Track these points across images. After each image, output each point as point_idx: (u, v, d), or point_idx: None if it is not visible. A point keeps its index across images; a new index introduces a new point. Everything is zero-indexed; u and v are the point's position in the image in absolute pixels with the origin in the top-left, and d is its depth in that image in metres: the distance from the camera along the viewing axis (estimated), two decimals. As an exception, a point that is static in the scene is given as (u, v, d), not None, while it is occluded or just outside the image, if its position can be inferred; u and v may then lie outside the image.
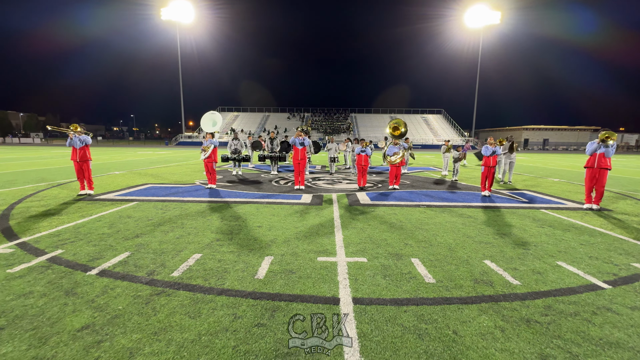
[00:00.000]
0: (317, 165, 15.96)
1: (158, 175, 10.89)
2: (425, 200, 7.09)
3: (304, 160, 8.22)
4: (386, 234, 4.50)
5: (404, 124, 8.36)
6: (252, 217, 5.37)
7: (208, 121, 8.21)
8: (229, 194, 7.47)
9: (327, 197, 7.28)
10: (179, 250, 3.75)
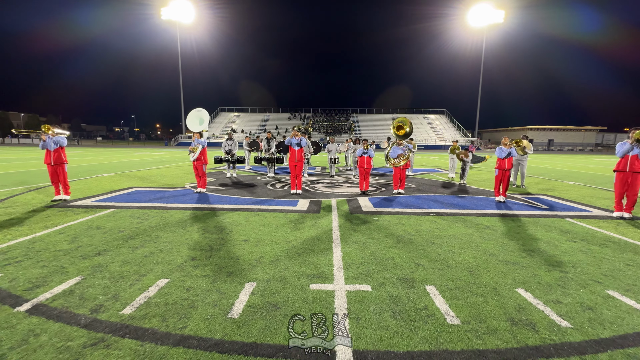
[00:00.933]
0: (317, 167, 15.30)
1: (147, 178, 10.26)
2: (434, 206, 6.40)
3: (300, 163, 7.56)
4: (393, 251, 3.82)
5: (409, 123, 7.68)
6: (239, 228, 4.70)
7: (194, 119, 7.55)
8: (218, 200, 6.81)
9: (325, 203, 6.60)
10: (142, 274, 3.09)
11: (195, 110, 7.70)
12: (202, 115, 7.60)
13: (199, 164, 7.55)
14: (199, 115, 7.61)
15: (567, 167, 17.18)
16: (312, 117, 60.08)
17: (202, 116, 7.60)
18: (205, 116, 7.58)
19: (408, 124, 7.66)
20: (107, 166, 14.16)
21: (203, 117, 7.59)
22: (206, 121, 7.52)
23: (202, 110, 7.64)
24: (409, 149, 7.78)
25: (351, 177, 11.15)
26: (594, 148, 57.68)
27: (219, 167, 13.84)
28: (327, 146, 11.58)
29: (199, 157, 7.50)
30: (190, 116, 7.58)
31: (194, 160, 7.51)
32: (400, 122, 7.68)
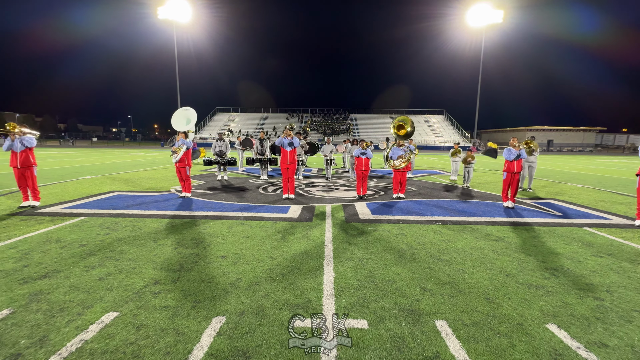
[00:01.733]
0: (314, 168, 14.74)
1: (133, 181, 9.68)
2: (438, 213, 5.86)
3: (293, 165, 7.00)
4: (394, 270, 3.28)
5: (411, 122, 7.14)
6: (219, 241, 4.14)
7: (180, 118, 6.98)
8: (202, 206, 6.24)
9: (319, 210, 6.05)
10: (88, 304, 2.53)
11: (181, 109, 7.12)
12: (189, 114, 7.03)
13: (182, 166, 6.98)
14: (186, 114, 7.04)
15: (571, 169, 16.69)
16: (310, 118, 59.53)
17: (189, 115, 7.03)
18: (193, 116, 7.01)
19: (409, 123, 7.12)
20: (94, 168, 13.56)
21: (190, 116, 7.02)
22: (193, 121, 6.96)
23: (189, 110, 7.06)
24: (410, 150, 7.25)
25: (348, 180, 10.61)
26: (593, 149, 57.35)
27: (210, 169, 13.26)
28: (323, 147, 11.03)
29: (182, 159, 6.93)
30: (175, 115, 7.01)
31: (176, 162, 6.94)
32: (401, 121, 7.14)
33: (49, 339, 2.09)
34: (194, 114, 7.00)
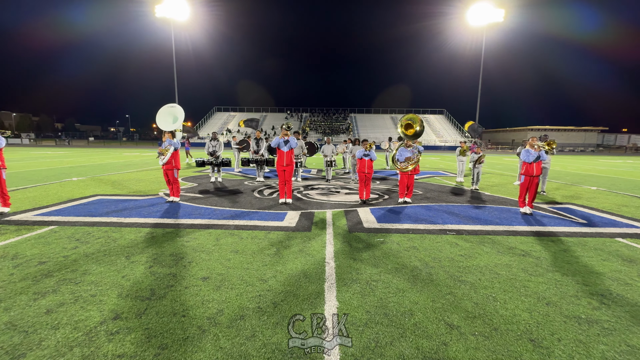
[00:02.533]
0: (313, 170, 14.17)
1: (120, 183, 9.09)
2: (450, 221, 5.29)
3: (290, 167, 6.43)
4: (410, 297, 2.71)
5: (420, 121, 6.57)
6: (203, 257, 3.57)
7: (166, 116, 6.39)
8: (190, 212, 5.66)
9: (319, 217, 5.48)
10: (19, 354, 1.95)
11: (167, 105, 6.52)
12: (175, 111, 6.43)
13: (169, 168, 6.40)
14: (172, 111, 6.44)
15: (578, 169, 16.15)
16: (309, 117, 58.94)
17: (175, 113, 6.43)
18: (180, 113, 6.41)
19: (418, 122, 6.55)
20: (84, 169, 12.96)
21: (177, 113, 6.42)
22: (180, 119, 6.36)
23: (175, 106, 6.46)
24: (418, 152, 6.68)
25: (349, 182, 10.04)
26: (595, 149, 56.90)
27: (205, 170, 12.67)
28: (323, 147, 10.45)
29: (169, 161, 6.35)
30: (160, 113, 6.41)
31: (163, 164, 6.36)
32: (409, 120, 6.57)
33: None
34: (180, 111, 6.41)
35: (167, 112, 6.43)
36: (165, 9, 53.29)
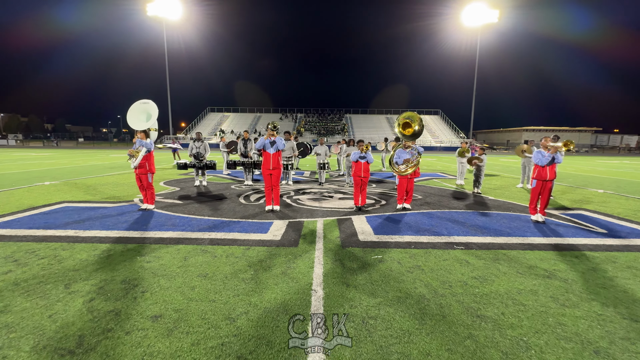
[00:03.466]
0: (306, 172, 13.54)
1: (95, 187, 8.36)
2: (456, 231, 4.69)
3: (277, 171, 5.79)
4: (418, 344, 2.09)
5: (419, 119, 5.97)
6: (163, 283, 2.92)
7: (138, 114, 5.68)
8: (162, 223, 4.99)
9: (308, 227, 4.84)
10: None
11: (139, 102, 5.80)
12: (148, 108, 5.73)
13: (143, 172, 5.72)
14: (145, 108, 5.73)
15: (578, 171, 15.75)
16: (304, 118, 58.28)
17: (148, 109, 5.72)
18: (153, 110, 5.70)
19: (417, 120, 5.95)
20: (60, 172, 12.15)
21: (150, 110, 5.72)
22: (154, 116, 5.66)
23: (149, 102, 5.75)
24: (418, 153, 6.08)
25: (344, 185, 9.42)
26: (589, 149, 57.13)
27: (191, 173, 11.95)
28: (316, 149, 9.82)
29: (142, 164, 5.66)
30: (132, 110, 5.69)
31: (135, 167, 5.68)
32: (407, 118, 5.97)
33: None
34: (154, 107, 5.71)
35: (139, 109, 5.72)
36: (156, 8, 52.39)
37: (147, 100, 5.74)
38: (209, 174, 11.57)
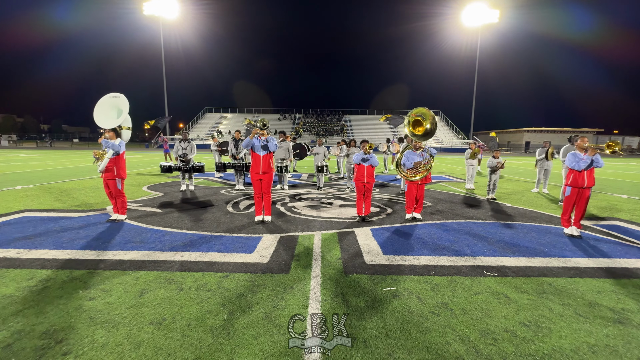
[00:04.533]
0: (304, 174, 12.74)
1: (69, 193, 7.54)
2: (480, 249, 3.91)
3: (268, 176, 4.99)
4: None
5: (431, 116, 5.19)
6: (98, 335, 2.11)
7: (107, 110, 4.82)
8: (130, 238, 4.18)
9: (303, 244, 4.04)
10: None
11: (108, 96, 4.97)
12: (119, 103, 4.90)
13: (110, 178, 4.91)
14: (116, 103, 4.90)
15: (590, 173, 14.98)
16: (302, 118, 57.50)
17: (119, 104, 4.90)
18: (124, 104, 4.87)
19: (429, 118, 5.17)
20: (39, 175, 11.31)
21: (121, 105, 4.90)
22: (125, 111, 4.83)
23: (119, 96, 4.90)
24: (430, 156, 5.29)
25: (344, 190, 8.63)
26: (590, 150, 56.50)
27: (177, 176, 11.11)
28: (314, 150, 9.03)
29: (109, 168, 4.86)
30: (100, 105, 4.86)
31: (101, 172, 4.87)
32: (419, 115, 5.18)
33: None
34: (125, 102, 4.89)
35: (108, 104, 4.90)
36: (153, 7, 51.63)
37: (118, 94, 4.92)
38: (199, 177, 10.76)
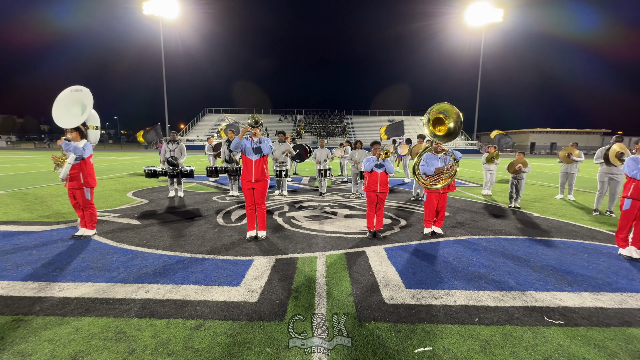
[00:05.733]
0: (305, 177, 11.95)
1: (43, 200, 6.78)
2: (526, 279, 3.09)
3: (263, 183, 4.20)
4: None
5: (456, 113, 4.37)
6: None
7: (69, 106, 3.95)
8: (90, 261, 3.39)
9: (303, 272, 3.24)
10: None
11: (69, 89, 4.16)
12: (82, 97, 4.08)
13: (76, 187, 4.12)
14: (78, 98, 4.06)
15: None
16: (304, 119, 56.74)
17: (82, 99, 4.07)
18: (88, 99, 4.06)
19: (453, 115, 4.36)
20: (19, 178, 10.55)
21: (84, 100, 4.09)
22: (90, 106, 4.03)
23: (82, 90, 4.09)
24: (454, 160, 4.48)
25: (349, 196, 7.84)
26: (596, 152, 55.55)
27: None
28: (315, 152, 8.24)
29: (73, 176, 4.07)
30: (59, 101, 4.00)
31: (64, 179, 4.09)
32: (441, 112, 4.37)
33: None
34: (89, 96, 4.08)
35: (69, 99, 4.09)
36: (153, 7, 51.08)
37: (80, 87, 4.12)
38: (191, 181, 9.98)
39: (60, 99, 4.07)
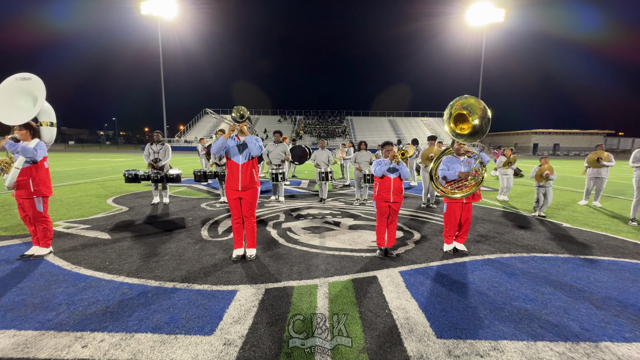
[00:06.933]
0: (304, 180, 11.22)
1: (8, 210, 6.04)
2: (590, 320, 2.36)
3: (251, 193, 3.47)
4: None
5: (481, 108, 3.65)
6: None
7: (14, 97, 3.21)
8: (32, 292, 2.66)
9: (300, 308, 2.50)
10: None
11: (13, 77, 3.44)
12: (31, 87, 3.36)
13: (24, 196, 3.39)
14: (26, 88, 3.33)
15: (617, 178, 13.43)
16: (303, 120, 56.04)
17: (31, 90, 3.35)
18: (39, 89, 3.32)
19: (478, 111, 3.63)
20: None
21: (35, 91, 3.36)
22: (41, 98, 3.31)
23: (31, 78, 3.35)
24: (481, 164, 3.75)
25: (352, 201, 7.11)
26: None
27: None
28: (315, 154, 7.51)
29: (22, 183, 3.34)
30: (3, 92, 3.28)
31: (11, 187, 3.36)
32: (465, 107, 3.65)
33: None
34: (40, 85, 3.31)
35: (14, 90, 3.34)
36: (151, 7, 50.50)
37: (27, 74, 3.38)
38: (181, 185, 9.25)
39: (3, 89, 3.33)
